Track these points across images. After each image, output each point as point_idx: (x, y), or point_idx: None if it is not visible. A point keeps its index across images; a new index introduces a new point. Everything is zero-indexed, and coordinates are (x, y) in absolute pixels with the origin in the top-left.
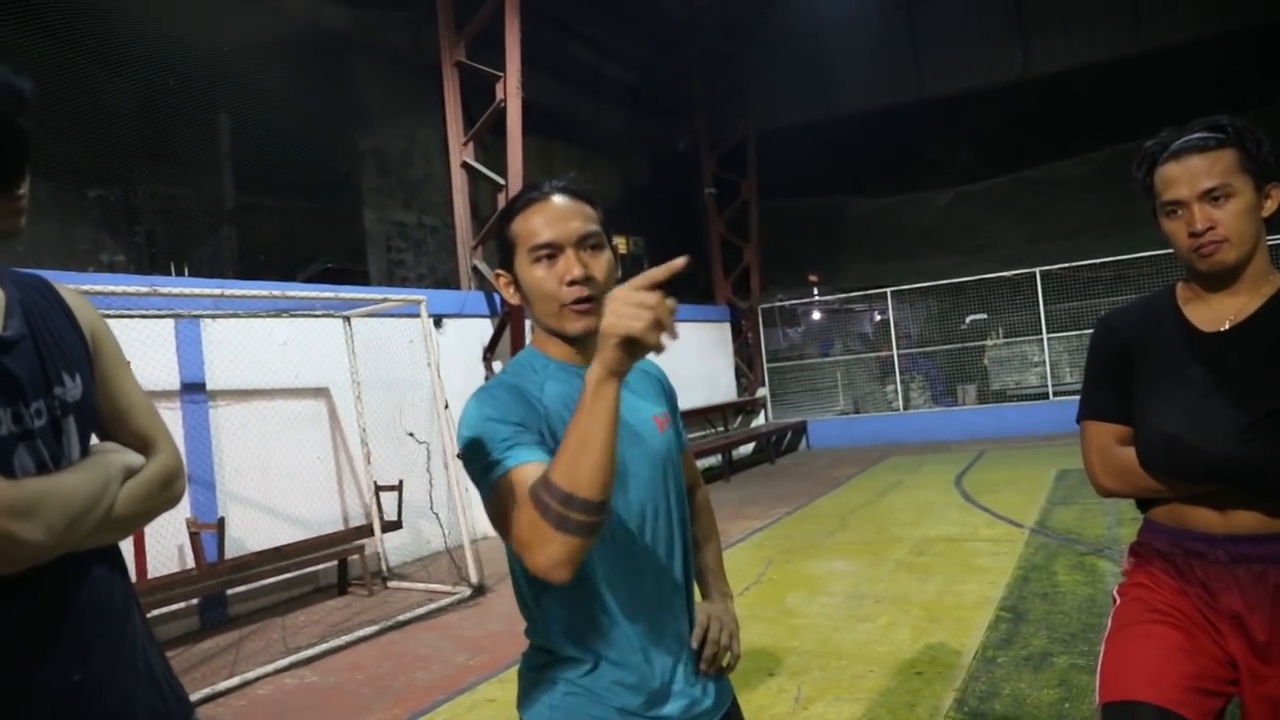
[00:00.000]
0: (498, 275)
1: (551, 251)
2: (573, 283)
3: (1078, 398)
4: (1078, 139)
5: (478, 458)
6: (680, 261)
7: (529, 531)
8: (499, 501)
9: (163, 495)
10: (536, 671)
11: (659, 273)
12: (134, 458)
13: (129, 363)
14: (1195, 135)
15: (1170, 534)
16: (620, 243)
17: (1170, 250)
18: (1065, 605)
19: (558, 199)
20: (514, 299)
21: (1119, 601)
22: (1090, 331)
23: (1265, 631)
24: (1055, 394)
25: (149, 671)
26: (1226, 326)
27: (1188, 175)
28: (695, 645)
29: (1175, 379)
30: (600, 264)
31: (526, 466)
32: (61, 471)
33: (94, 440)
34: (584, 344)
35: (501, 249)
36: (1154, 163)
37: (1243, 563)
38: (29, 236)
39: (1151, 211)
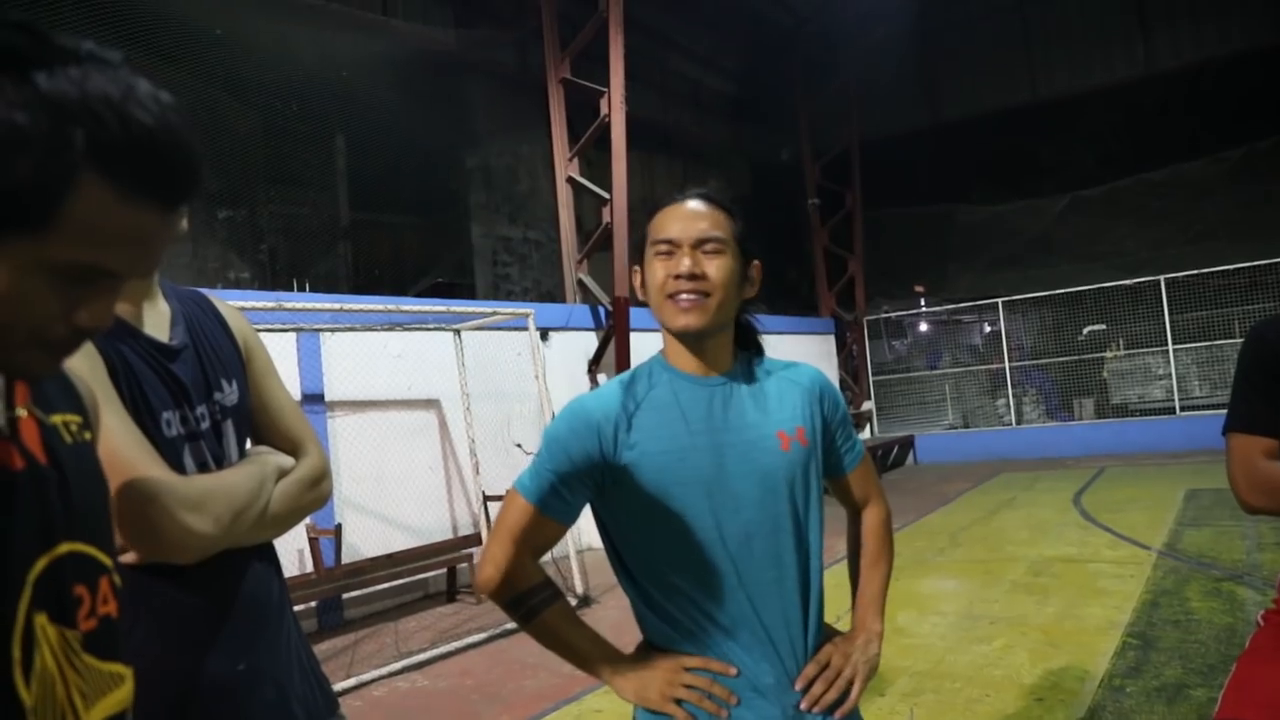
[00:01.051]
0: (633, 271)
1: (670, 249)
2: (678, 276)
3: (1206, 413)
4: (1207, 137)
5: (536, 454)
6: (729, 670)
7: (495, 562)
8: (508, 501)
9: (312, 494)
10: None
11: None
12: (285, 459)
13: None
14: None
15: None
16: None
17: None
18: (1201, 634)
19: (692, 203)
20: (640, 294)
21: (1262, 625)
22: (1222, 342)
23: None
24: (1182, 409)
25: (301, 665)
26: None
27: None
28: (800, 685)
29: None
30: (714, 266)
31: (537, 512)
32: (224, 470)
33: (249, 444)
34: (702, 349)
35: (637, 246)
36: None
37: None
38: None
39: None
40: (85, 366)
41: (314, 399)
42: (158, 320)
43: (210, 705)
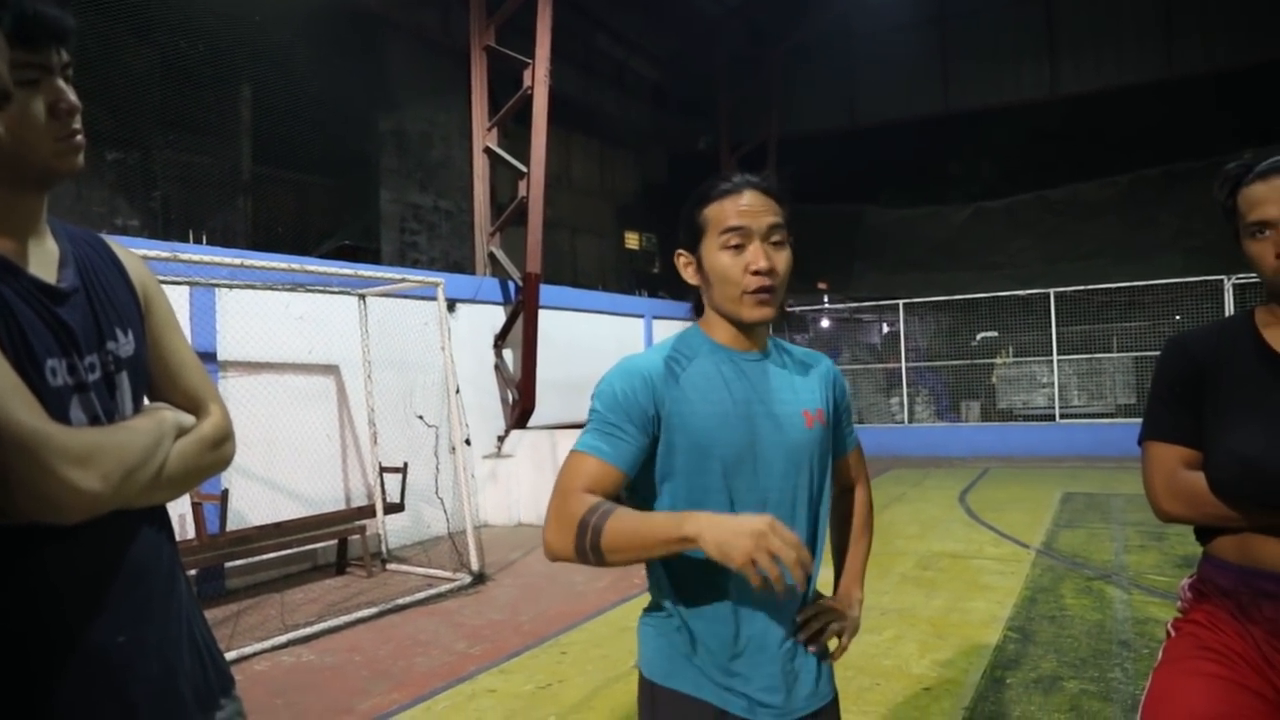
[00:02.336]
0: (679, 254)
1: (740, 241)
2: (757, 272)
3: (1083, 421)
4: (1102, 161)
5: (588, 418)
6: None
7: (559, 517)
8: (567, 463)
9: (214, 455)
10: (646, 618)
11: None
12: (185, 417)
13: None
14: None
15: (1236, 571)
16: (633, 239)
17: (1186, 280)
18: (1074, 629)
19: (752, 193)
20: (692, 279)
21: (1173, 635)
22: (1101, 355)
23: None
24: (1062, 416)
25: (192, 639)
26: None
27: (1277, 195)
28: (801, 619)
29: (1254, 404)
30: (782, 259)
31: (597, 460)
32: (116, 424)
33: (145, 401)
34: (751, 330)
35: (688, 231)
36: (1238, 183)
37: None
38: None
39: (1234, 234)
40: None
41: (206, 357)
42: (44, 260)
43: (84, 680)
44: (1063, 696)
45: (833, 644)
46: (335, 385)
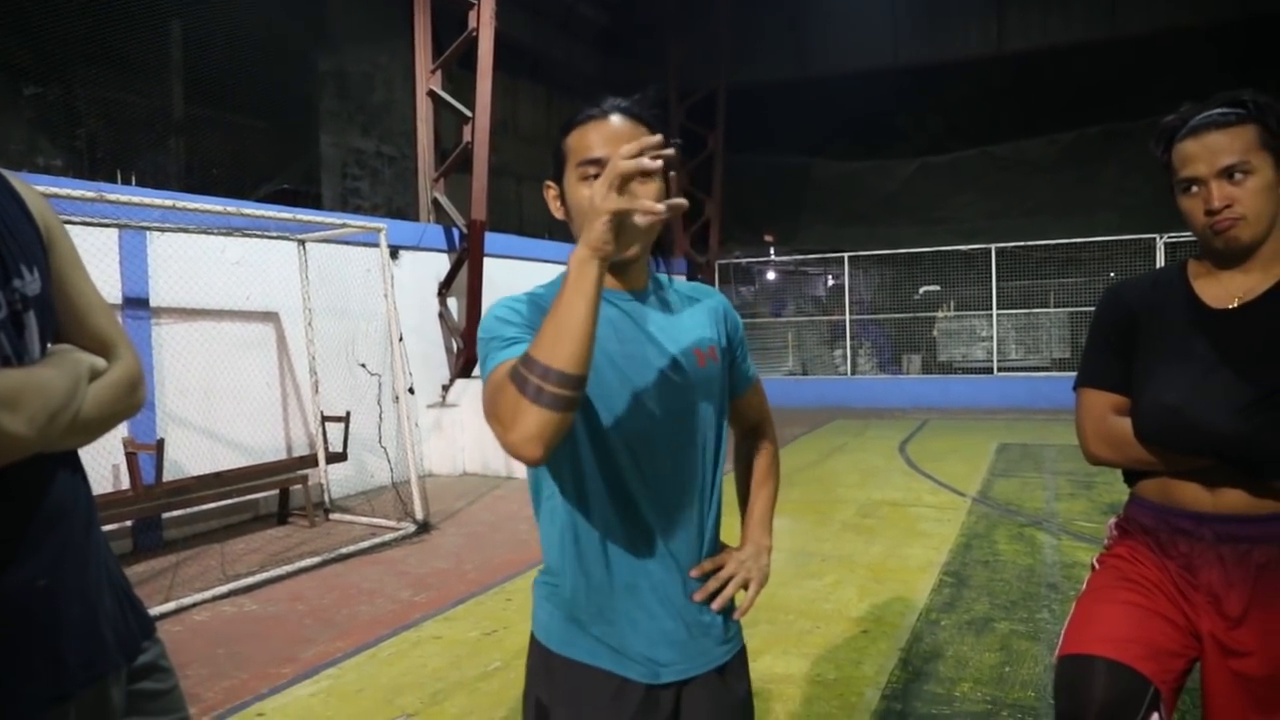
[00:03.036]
0: (547, 186)
1: (598, 172)
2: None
3: (1020, 375)
4: (1046, 119)
5: (483, 355)
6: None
7: (507, 408)
8: (489, 390)
9: (128, 400)
10: (540, 578)
11: (633, 148)
12: (98, 360)
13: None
14: (1215, 111)
15: (1157, 510)
16: None
17: (1122, 237)
18: (1005, 573)
19: (615, 119)
20: (558, 213)
21: (1097, 569)
22: (1038, 310)
23: (1240, 609)
24: (1000, 369)
25: (112, 582)
26: (1235, 304)
27: (1206, 152)
28: (696, 574)
29: (1179, 352)
30: (646, 192)
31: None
32: (34, 366)
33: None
34: (624, 270)
35: (555, 162)
36: (1172, 138)
37: (1228, 541)
38: None
39: (1169, 188)
40: None
41: (137, 303)
42: None
43: (5, 624)
44: (994, 637)
45: (740, 597)
46: (275, 333)
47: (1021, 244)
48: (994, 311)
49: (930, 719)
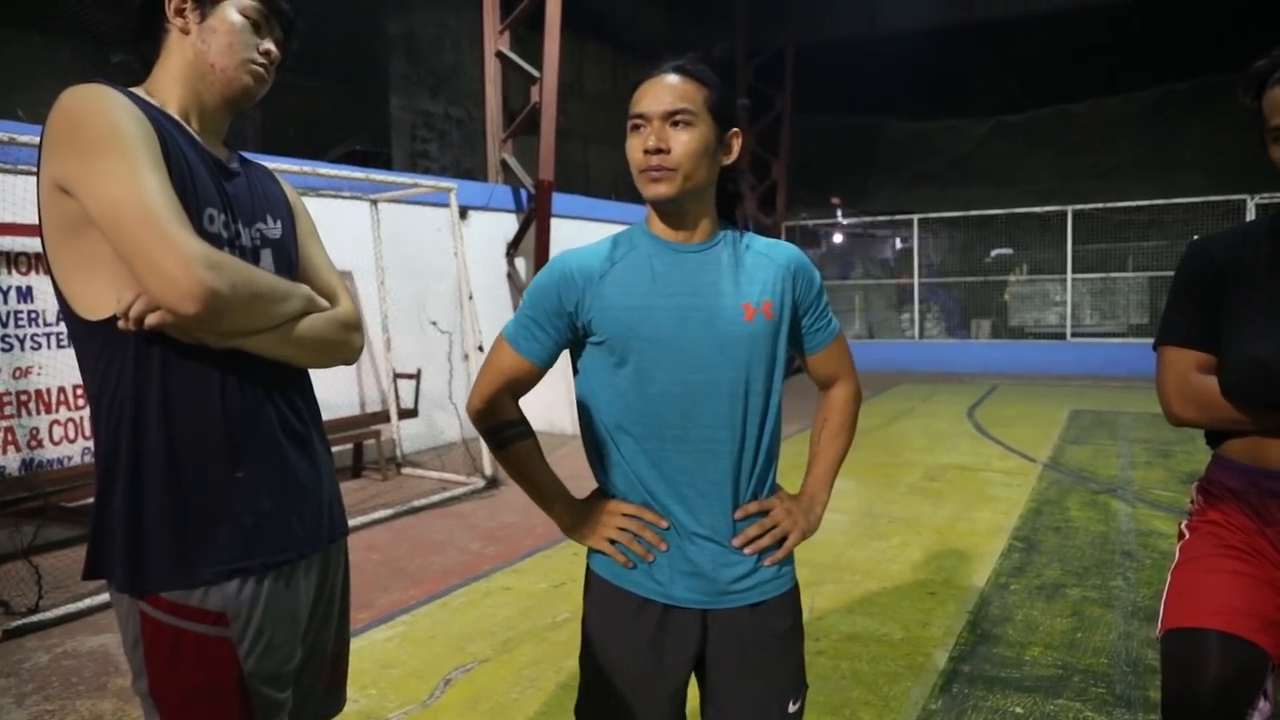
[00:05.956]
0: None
1: (640, 123)
2: (646, 151)
3: (1094, 340)
4: (1129, 75)
5: (517, 310)
6: (661, 522)
7: (481, 397)
8: (496, 344)
9: (342, 335)
10: None
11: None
12: (320, 299)
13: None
14: None
15: (1246, 472)
16: None
17: (1209, 198)
18: (1078, 540)
19: (666, 77)
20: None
21: (1188, 536)
22: (1115, 275)
23: None
24: (1073, 335)
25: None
26: None
27: None
28: (740, 516)
29: (1271, 307)
30: (680, 140)
31: (513, 355)
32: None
33: None
34: (680, 218)
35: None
36: (1263, 84)
37: None
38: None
39: (1259, 139)
40: (135, 126)
41: None
42: (220, 150)
43: (263, 458)
44: (1065, 602)
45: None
46: (349, 291)
47: (1100, 205)
48: (1069, 276)
49: (999, 682)
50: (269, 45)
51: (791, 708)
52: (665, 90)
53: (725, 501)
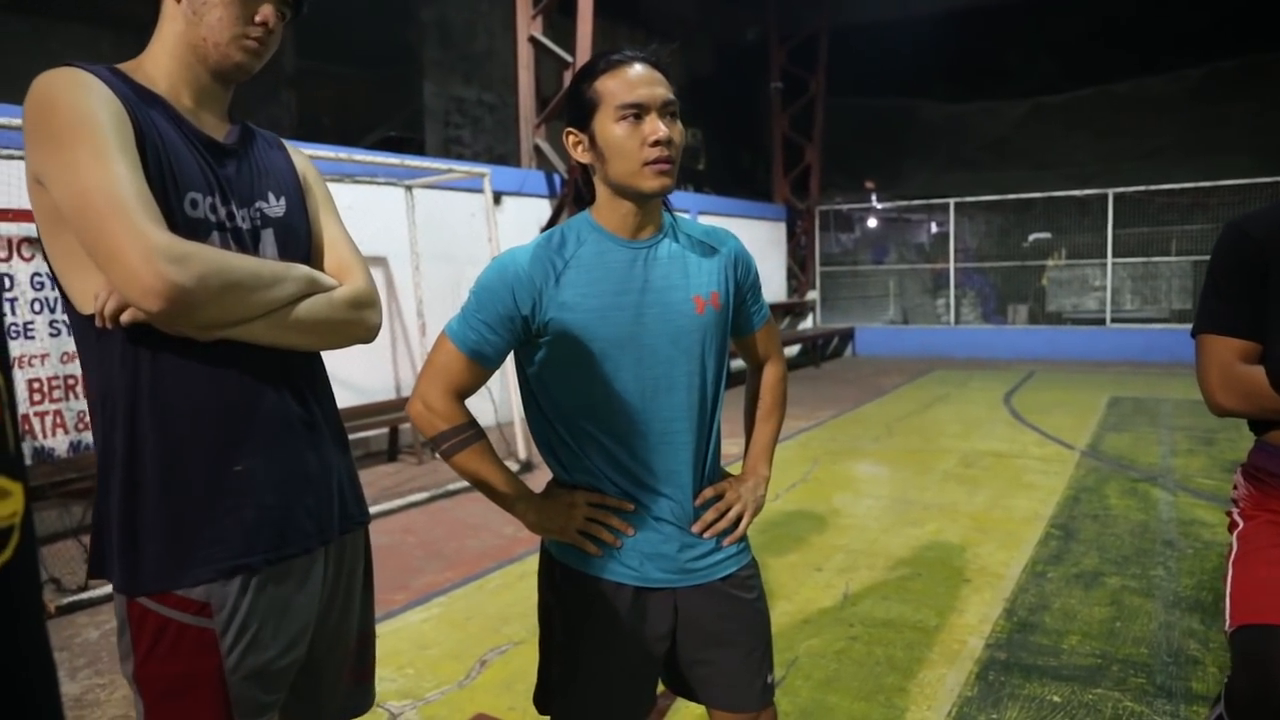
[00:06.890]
0: (568, 133)
1: (638, 112)
2: (657, 143)
3: (1134, 326)
4: (1172, 54)
5: (462, 307)
6: (626, 505)
7: (421, 397)
8: (438, 342)
9: (350, 315)
10: None
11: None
12: (326, 277)
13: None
14: None
15: None
16: None
17: (1257, 180)
18: (1117, 528)
19: (646, 66)
20: (583, 157)
21: (1242, 524)
22: (1157, 259)
23: None
24: (1113, 320)
25: (340, 477)
26: None
27: None
28: (699, 503)
29: None
30: (677, 132)
31: (459, 355)
32: (239, 254)
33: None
34: (645, 211)
35: (577, 107)
36: None
37: None
38: None
39: None
40: (104, 112)
41: None
42: (215, 126)
43: (265, 445)
44: (1104, 591)
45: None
46: (384, 277)
47: (1142, 189)
48: (1109, 260)
49: (1036, 670)
50: (266, 14)
51: (769, 679)
52: (657, 81)
53: (685, 489)
